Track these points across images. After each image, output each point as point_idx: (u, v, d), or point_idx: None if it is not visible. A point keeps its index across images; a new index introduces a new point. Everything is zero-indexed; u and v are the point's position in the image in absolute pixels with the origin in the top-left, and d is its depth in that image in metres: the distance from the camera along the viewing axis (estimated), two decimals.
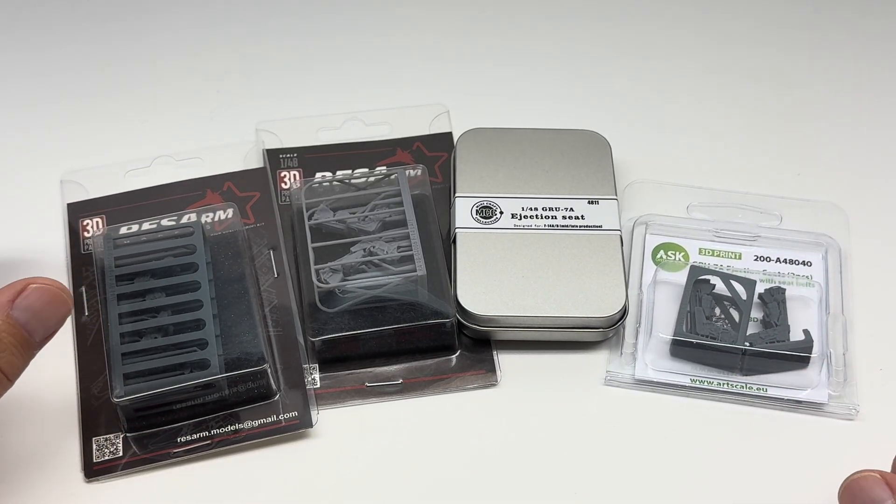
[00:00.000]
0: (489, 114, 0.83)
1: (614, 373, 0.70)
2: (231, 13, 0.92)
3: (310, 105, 0.84)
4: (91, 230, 0.74)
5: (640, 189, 0.78)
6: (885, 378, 0.70)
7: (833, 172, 0.81)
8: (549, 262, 0.71)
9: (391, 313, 0.69)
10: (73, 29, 0.90)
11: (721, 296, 0.72)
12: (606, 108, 0.85)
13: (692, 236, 0.75)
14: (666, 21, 0.92)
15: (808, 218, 0.77)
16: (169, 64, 0.88)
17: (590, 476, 0.66)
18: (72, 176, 0.77)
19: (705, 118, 0.85)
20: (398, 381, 0.70)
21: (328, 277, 0.70)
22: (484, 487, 0.66)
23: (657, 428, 0.68)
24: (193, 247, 0.70)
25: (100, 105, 0.85)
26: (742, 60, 0.89)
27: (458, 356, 0.71)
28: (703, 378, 0.69)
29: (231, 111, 0.84)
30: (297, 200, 0.74)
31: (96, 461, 0.66)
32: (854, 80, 0.88)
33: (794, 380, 0.69)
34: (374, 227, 0.73)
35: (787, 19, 0.92)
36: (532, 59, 0.89)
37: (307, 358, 0.70)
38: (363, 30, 0.91)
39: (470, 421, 0.68)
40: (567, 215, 0.74)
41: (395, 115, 0.82)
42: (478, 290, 0.70)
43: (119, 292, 0.68)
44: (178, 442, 0.66)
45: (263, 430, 0.67)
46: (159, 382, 0.65)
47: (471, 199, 0.74)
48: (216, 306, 0.69)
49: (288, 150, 0.79)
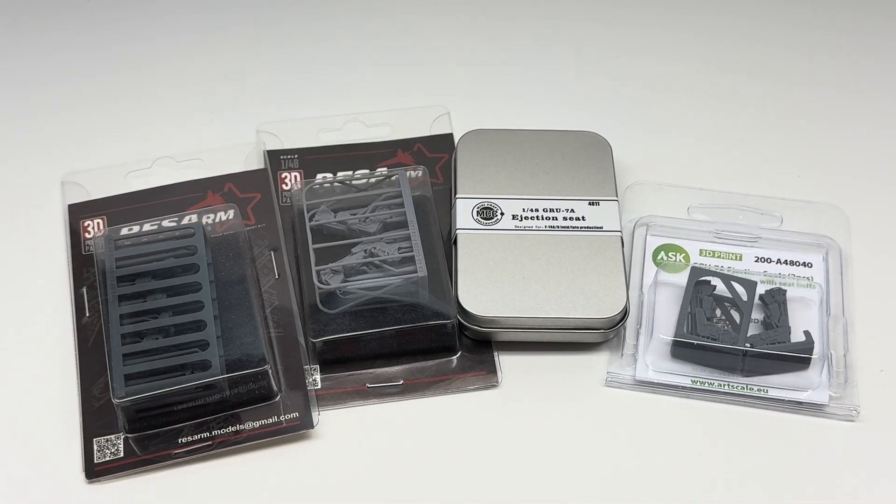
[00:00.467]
0: (490, 115, 0.83)
1: (615, 374, 0.70)
2: (232, 15, 0.92)
3: (311, 106, 0.84)
4: (92, 231, 0.74)
5: (641, 190, 0.78)
6: (885, 379, 0.70)
7: (834, 174, 0.81)
8: (550, 263, 0.71)
9: (392, 314, 0.69)
10: (75, 30, 0.90)
11: (722, 297, 0.72)
12: (607, 109, 0.85)
13: (693, 237, 0.75)
14: (666, 23, 0.92)
15: (809, 219, 0.77)
16: (170, 65, 0.88)
17: (591, 477, 0.66)
18: (73, 177, 0.77)
19: (706, 120, 0.85)
20: (399, 383, 0.70)
21: (329, 278, 0.70)
22: (485, 488, 0.66)
23: (658, 429, 0.68)
24: (194, 248, 0.70)
25: (101, 106, 0.85)
26: (743, 62, 0.89)
27: (459, 357, 0.71)
28: (704, 379, 0.69)
29: (232, 112, 0.84)
30: (297, 201, 0.74)
31: (97, 462, 0.66)
32: (855, 81, 0.88)
33: (794, 381, 0.69)
34: (374, 229, 0.73)
35: (788, 20, 0.92)
36: (533, 61, 0.89)
37: (308, 359, 0.70)
38: (364, 31, 0.91)
39: (471, 422, 0.68)
40: (568, 216, 0.74)
41: (396, 116, 0.82)
42: (479, 291, 0.70)
43: (120, 293, 0.68)
44: (179, 443, 0.66)
45: (264, 431, 0.67)
46: (160, 383, 0.65)
47: (472, 201, 0.74)
48: (217, 307, 0.69)
49: (289, 152, 0.79)
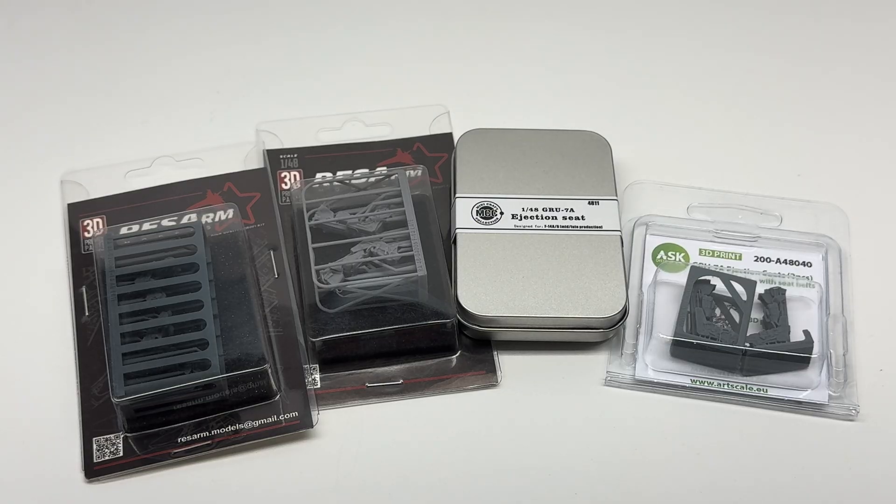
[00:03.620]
0: (489, 114, 0.83)
1: (614, 373, 0.70)
2: (232, 14, 0.91)
3: (310, 106, 0.84)
4: (91, 230, 0.74)
5: (641, 190, 0.78)
6: (885, 379, 0.70)
7: (833, 173, 0.81)
8: (550, 262, 0.71)
9: (391, 314, 0.69)
10: (74, 29, 0.90)
11: (721, 296, 0.72)
12: (606, 108, 0.85)
13: (692, 237, 0.75)
14: (666, 22, 0.92)
15: (809, 219, 0.77)
16: (170, 64, 0.88)
17: (590, 476, 0.66)
18: (72, 176, 0.77)
19: (706, 119, 0.85)
20: (398, 382, 0.70)
21: (329, 278, 0.70)
22: (484, 488, 0.66)
23: (657, 428, 0.68)
24: (194, 247, 0.70)
25: (100, 105, 0.85)
26: (742, 61, 0.89)
27: (459, 357, 0.71)
28: (704, 378, 0.69)
29: (231, 112, 0.84)
30: (297, 201, 0.74)
31: (97, 461, 0.66)
32: (854, 80, 0.87)
33: (794, 380, 0.69)
34: (374, 228, 0.73)
35: (788, 20, 0.92)
36: (532, 60, 0.89)
37: (307, 358, 0.70)
38: (364, 30, 0.91)
39: (470, 421, 0.68)
40: (567, 216, 0.74)
41: (396, 115, 0.82)
42: (478, 290, 0.70)
43: (119, 292, 0.68)
44: (179, 442, 0.66)
45: (264, 431, 0.67)
46: (160, 383, 0.65)
47: (471, 200, 0.74)
48: (216, 307, 0.69)
49: (288, 151, 0.79)
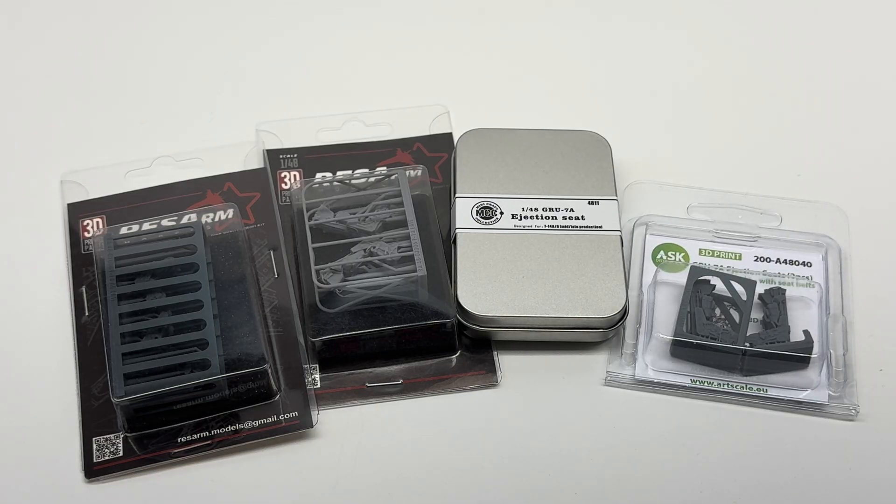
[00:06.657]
0: (489, 114, 0.83)
1: (614, 373, 0.70)
2: (231, 13, 0.91)
3: (310, 106, 0.84)
4: (91, 230, 0.74)
5: (641, 190, 0.78)
6: (884, 379, 0.70)
7: (833, 173, 0.81)
8: (550, 262, 0.71)
9: (391, 314, 0.69)
10: (73, 29, 0.90)
11: (721, 296, 0.72)
12: (606, 108, 0.85)
13: (692, 237, 0.75)
14: (666, 21, 0.92)
15: (808, 219, 0.77)
16: (169, 64, 0.88)
17: (590, 476, 0.66)
18: (72, 176, 0.77)
19: (705, 119, 0.85)
20: (398, 382, 0.70)
21: (328, 278, 0.70)
22: (484, 488, 0.66)
23: (657, 428, 0.68)
24: (194, 247, 0.70)
25: (100, 105, 0.85)
26: (742, 61, 0.89)
27: (459, 357, 0.71)
28: (704, 378, 0.69)
29: (231, 112, 0.84)
30: (297, 201, 0.74)
31: (96, 461, 0.66)
32: (854, 80, 0.87)
33: (794, 380, 0.69)
34: (374, 228, 0.73)
35: (788, 20, 0.92)
36: (532, 60, 0.89)
37: (307, 358, 0.70)
38: (363, 30, 0.91)
39: (470, 421, 0.68)
40: (567, 216, 0.74)
41: (396, 115, 0.82)
42: (478, 290, 0.70)
43: (119, 292, 0.68)
44: (179, 442, 0.66)
45: (264, 431, 0.67)
46: (160, 383, 0.65)
47: (471, 200, 0.74)
48: (216, 306, 0.69)
49: (288, 151, 0.79)
